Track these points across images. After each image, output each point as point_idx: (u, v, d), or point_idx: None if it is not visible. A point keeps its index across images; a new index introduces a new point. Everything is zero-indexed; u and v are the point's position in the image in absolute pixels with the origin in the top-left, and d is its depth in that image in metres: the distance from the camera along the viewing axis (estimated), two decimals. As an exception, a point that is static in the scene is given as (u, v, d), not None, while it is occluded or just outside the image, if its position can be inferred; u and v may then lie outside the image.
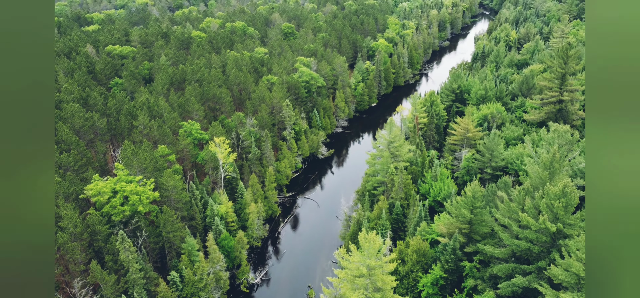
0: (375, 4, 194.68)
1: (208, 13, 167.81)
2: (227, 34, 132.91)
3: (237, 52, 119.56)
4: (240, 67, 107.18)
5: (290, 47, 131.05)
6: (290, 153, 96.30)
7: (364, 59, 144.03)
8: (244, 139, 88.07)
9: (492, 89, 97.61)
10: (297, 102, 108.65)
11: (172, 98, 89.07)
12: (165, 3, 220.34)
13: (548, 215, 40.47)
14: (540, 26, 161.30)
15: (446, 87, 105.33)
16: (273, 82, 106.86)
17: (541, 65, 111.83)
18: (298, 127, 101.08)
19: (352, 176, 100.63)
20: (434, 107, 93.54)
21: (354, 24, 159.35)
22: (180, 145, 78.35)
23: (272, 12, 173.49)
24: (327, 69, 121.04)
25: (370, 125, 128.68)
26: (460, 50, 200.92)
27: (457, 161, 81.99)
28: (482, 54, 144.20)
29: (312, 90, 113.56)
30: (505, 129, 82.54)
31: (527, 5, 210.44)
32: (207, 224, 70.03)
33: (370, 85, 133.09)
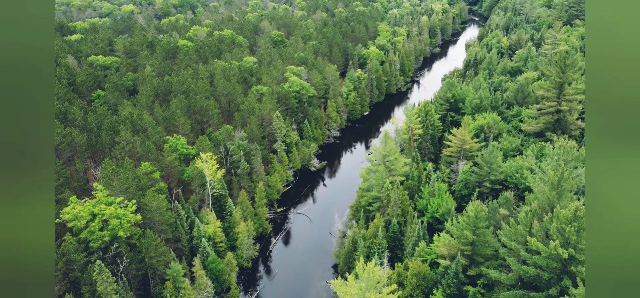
0: (365, 11, 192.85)
1: (195, 21, 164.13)
2: (215, 42, 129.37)
3: (226, 61, 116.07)
4: (229, 77, 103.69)
5: (280, 56, 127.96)
6: (281, 167, 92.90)
7: (355, 67, 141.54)
8: (232, 153, 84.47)
9: (487, 98, 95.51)
10: (288, 112, 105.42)
11: (157, 111, 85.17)
12: (151, 11, 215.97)
13: (559, 240, 37.72)
14: (531, 32, 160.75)
15: (440, 96, 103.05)
16: (263, 92, 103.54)
17: (535, 72, 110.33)
18: (289, 139, 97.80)
19: (345, 189, 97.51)
20: (429, 117, 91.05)
21: (345, 31, 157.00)
22: (165, 161, 74.49)
23: (261, 19, 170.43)
24: (318, 78, 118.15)
25: (362, 134, 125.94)
26: (451, 56, 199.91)
27: (454, 174, 79.40)
28: (474, 61, 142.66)
29: (303, 100, 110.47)
30: (502, 139, 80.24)
31: (516, 11, 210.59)
32: (194, 246, 66.20)
33: (362, 94, 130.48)
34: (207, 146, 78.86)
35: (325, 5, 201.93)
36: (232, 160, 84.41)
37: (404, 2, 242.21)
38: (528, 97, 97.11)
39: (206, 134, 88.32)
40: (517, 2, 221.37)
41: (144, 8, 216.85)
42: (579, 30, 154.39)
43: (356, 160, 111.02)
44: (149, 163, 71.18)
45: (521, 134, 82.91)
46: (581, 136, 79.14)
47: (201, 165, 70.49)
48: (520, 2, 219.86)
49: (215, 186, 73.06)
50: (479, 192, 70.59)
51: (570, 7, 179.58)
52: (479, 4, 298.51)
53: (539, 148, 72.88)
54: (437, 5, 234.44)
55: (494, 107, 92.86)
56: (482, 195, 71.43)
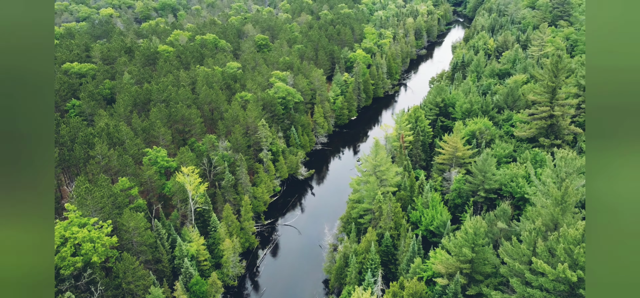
0: (350, 13, 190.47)
1: (177, 25, 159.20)
2: (197, 47, 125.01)
3: (208, 67, 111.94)
4: (211, 84, 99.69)
5: (264, 61, 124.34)
6: (268, 177, 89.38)
7: (342, 71, 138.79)
8: (216, 165, 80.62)
9: (477, 102, 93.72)
10: (274, 120, 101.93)
11: (136, 121, 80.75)
12: (131, 15, 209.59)
13: (567, 261, 35.30)
14: (517, 34, 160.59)
15: (429, 100, 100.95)
16: (247, 99, 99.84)
17: (524, 75, 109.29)
18: (275, 147, 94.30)
19: (334, 198, 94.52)
20: (419, 123, 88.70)
21: (331, 34, 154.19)
22: (144, 175, 70.27)
23: (245, 23, 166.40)
24: (304, 83, 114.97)
25: (350, 139, 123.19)
26: (437, 58, 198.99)
27: (446, 182, 77.11)
28: (461, 64, 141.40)
29: (289, 106, 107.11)
30: (495, 146, 78.31)
31: (501, 13, 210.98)
32: (176, 267, 62.25)
33: (349, 98, 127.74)
34: (189, 158, 74.90)
35: (309, 8, 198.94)
36: (216, 171, 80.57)
37: (389, 3, 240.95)
38: (518, 101, 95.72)
39: (188, 145, 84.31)
40: (501, 3, 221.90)
41: (124, 11, 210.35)
42: (564, 31, 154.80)
43: (345, 166, 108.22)
44: (127, 178, 66.93)
45: (514, 139, 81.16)
46: (574, 141, 77.75)
47: (182, 180, 66.55)
48: (504, 3, 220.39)
49: (198, 201, 69.17)
50: (473, 201, 68.35)
51: (554, 8, 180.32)
52: (463, 5, 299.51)
53: (533, 154, 71.10)
54: (422, 7, 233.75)
55: (484, 111, 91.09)
56: (477, 205, 69.24)
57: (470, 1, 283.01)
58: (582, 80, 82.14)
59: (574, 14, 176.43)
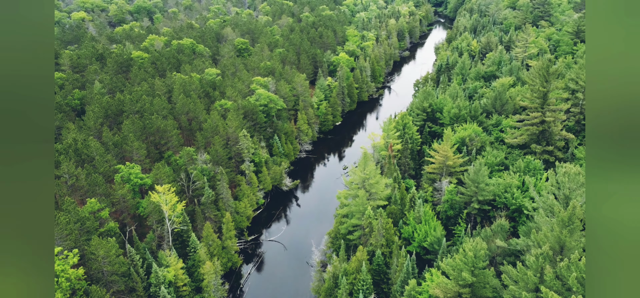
0: (332, 15, 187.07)
1: (152, 29, 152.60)
2: (174, 53, 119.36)
3: (185, 74, 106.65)
4: (189, 92, 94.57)
5: (245, 66, 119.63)
6: (251, 189, 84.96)
7: (325, 75, 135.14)
8: (195, 179, 75.82)
9: (465, 107, 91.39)
10: (256, 128, 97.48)
11: (107, 136, 75.19)
12: (105, 18, 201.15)
13: (580, 292, 32.35)
14: (500, 35, 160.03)
15: (416, 105, 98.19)
16: (227, 107, 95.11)
17: (510, 77, 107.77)
18: (258, 158, 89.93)
19: (320, 209, 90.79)
20: (407, 130, 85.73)
21: (313, 37, 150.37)
22: (116, 195, 65.02)
23: (224, 26, 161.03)
24: (286, 89, 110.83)
25: (335, 146, 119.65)
26: (420, 59, 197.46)
27: (437, 192, 74.26)
28: (446, 66, 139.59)
29: (272, 114, 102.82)
30: (485, 153, 75.90)
31: (482, 13, 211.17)
32: (152, 295, 57.37)
33: (333, 103, 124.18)
34: (165, 174, 69.94)
35: (290, 10, 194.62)
36: (195, 187, 75.79)
37: (371, 5, 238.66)
38: (506, 105, 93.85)
39: (164, 159, 79.25)
40: (482, 4, 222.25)
41: (97, 15, 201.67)
42: (546, 31, 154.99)
43: (330, 175, 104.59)
44: (96, 199, 61.62)
45: (504, 146, 78.94)
46: (566, 147, 75.99)
47: (157, 199, 61.64)
48: (485, 3, 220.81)
49: (175, 221, 64.35)
50: (467, 213, 65.60)
51: (535, 8, 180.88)
52: (444, 6, 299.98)
53: (526, 163, 68.85)
54: (403, 8, 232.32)
55: (473, 116, 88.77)
56: (470, 216, 66.52)
57: (450, 2, 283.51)
58: (572, 83, 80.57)
59: (554, 14, 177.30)
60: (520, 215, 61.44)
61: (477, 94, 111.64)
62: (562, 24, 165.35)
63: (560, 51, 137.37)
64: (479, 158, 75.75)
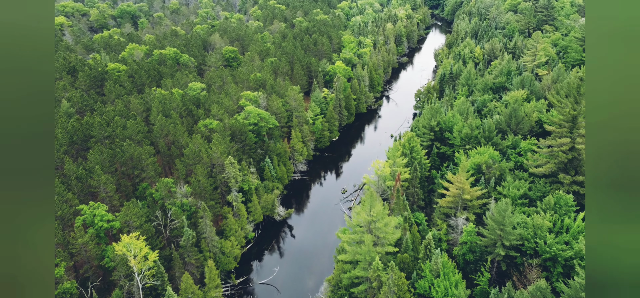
0: (327, 20, 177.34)
1: (133, 37, 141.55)
2: (154, 64, 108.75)
3: (166, 89, 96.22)
4: (169, 111, 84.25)
5: (233, 78, 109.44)
6: (239, 223, 74.95)
7: (320, 86, 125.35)
8: (173, 217, 65.60)
9: (478, 126, 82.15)
10: (245, 150, 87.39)
11: (69, 168, 64.62)
12: (85, 24, 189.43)
13: None
14: (504, 41, 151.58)
15: (423, 124, 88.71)
16: (213, 127, 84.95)
17: (523, 90, 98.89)
18: (247, 186, 79.85)
19: (318, 241, 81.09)
20: (415, 155, 76.18)
21: (307, 45, 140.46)
22: (77, 244, 54.62)
23: (212, 33, 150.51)
24: (278, 103, 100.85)
25: (333, 164, 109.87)
26: (419, 65, 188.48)
27: (452, 229, 64.80)
28: (450, 75, 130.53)
29: (263, 133, 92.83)
30: (506, 184, 66.59)
31: (483, 17, 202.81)
32: None
33: (330, 118, 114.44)
34: (136, 214, 59.62)
35: (282, 14, 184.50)
36: (173, 226, 65.55)
37: (366, 8, 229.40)
38: (522, 123, 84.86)
39: (138, 192, 68.87)
40: (481, 7, 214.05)
41: (77, 20, 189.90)
42: (551, 37, 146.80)
43: (328, 198, 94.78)
44: (50, 252, 51.12)
45: (525, 173, 69.68)
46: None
47: (123, 251, 51.36)
48: (484, 6, 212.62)
49: (146, 275, 54.10)
50: (491, 260, 56.13)
51: (538, 12, 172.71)
52: (441, 8, 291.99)
53: (556, 198, 59.56)
54: (400, 11, 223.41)
55: (487, 138, 79.50)
56: (494, 263, 57.05)
57: (448, 4, 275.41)
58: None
59: (558, 18, 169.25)
60: (555, 265, 52.17)
61: (486, 107, 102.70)
62: (567, 29, 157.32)
63: (568, 58, 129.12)
64: (499, 189, 66.60)
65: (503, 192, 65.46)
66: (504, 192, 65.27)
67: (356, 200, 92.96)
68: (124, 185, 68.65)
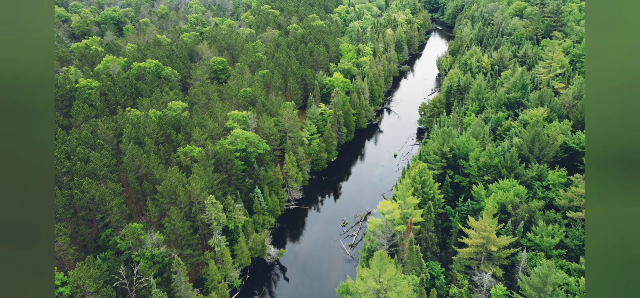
0: (323, 26, 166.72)
1: (113, 46, 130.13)
2: (132, 80, 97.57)
3: (142, 110, 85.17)
4: (143, 137, 73.22)
5: (220, 95, 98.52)
6: (222, 271, 64.06)
7: (317, 101, 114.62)
8: (141, 274, 54.59)
9: (497, 154, 71.69)
10: (231, 181, 76.50)
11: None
12: (66, 31, 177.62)
13: None
14: (514, 49, 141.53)
15: (434, 149, 78.11)
16: (193, 155, 74.01)
17: (543, 108, 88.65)
18: (232, 224, 68.97)
19: (314, 287, 70.37)
20: (427, 189, 65.50)
21: (302, 54, 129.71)
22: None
23: (199, 42, 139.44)
24: (270, 123, 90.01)
25: (331, 189, 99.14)
26: (421, 73, 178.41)
27: (475, 287, 54.19)
28: (458, 88, 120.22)
29: (252, 160, 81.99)
30: (538, 230, 56.07)
31: (487, 22, 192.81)
32: None
33: (327, 137, 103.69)
34: (92, 277, 48.55)
35: (276, 21, 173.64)
36: (141, 284, 54.55)
37: (365, 12, 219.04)
38: (547, 148, 74.52)
39: (101, 241, 57.77)
40: (484, 11, 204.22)
41: (57, 27, 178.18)
42: (562, 45, 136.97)
43: (327, 232, 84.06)
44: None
45: (558, 214, 59.19)
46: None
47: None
48: (488, 11, 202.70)
49: (100, 361, 43.04)
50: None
51: (546, 17, 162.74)
52: (441, 12, 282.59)
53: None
54: (400, 16, 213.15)
55: (509, 168, 69.00)
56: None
57: (448, 8, 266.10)
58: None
59: (569, 24, 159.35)
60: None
61: (500, 126, 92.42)
62: (579, 36, 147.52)
63: (584, 69, 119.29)
64: (530, 236, 56.13)
65: (535, 240, 55.02)
66: (536, 241, 54.83)
67: (358, 234, 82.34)
68: (83, 233, 57.52)
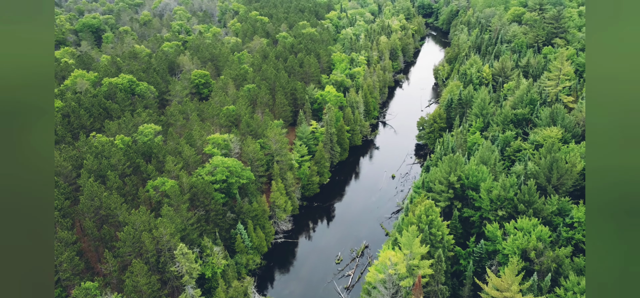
0: (314, 34, 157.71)
1: (85, 59, 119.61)
2: (101, 98, 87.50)
3: (110, 135, 75.28)
4: (106, 171, 63.38)
5: (199, 114, 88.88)
6: (197, 331, 54.41)
7: (308, 118, 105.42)
8: (93, 348, 44.76)
9: (513, 186, 63.02)
10: (209, 217, 66.90)
11: None
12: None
13: None
14: (516, 58, 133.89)
15: (438, 178, 69.22)
16: (165, 190, 64.32)
17: (556, 128, 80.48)
18: (209, 271, 59.42)
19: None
20: (434, 230, 56.48)
21: (291, 66, 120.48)
22: None
23: (180, 52, 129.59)
24: (255, 147, 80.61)
25: (324, 216, 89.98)
26: (417, 82, 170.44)
27: (498, 357, 45.23)
28: (459, 102, 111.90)
29: (234, 191, 72.50)
30: (568, 284, 47.38)
31: (484, 28, 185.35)
32: None
33: (319, 158, 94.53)
34: None
35: (265, 28, 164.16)
36: (93, 360, 44.70)
37: (357, 18, 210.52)
38: (565, 177, 66.11)
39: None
40: (481, 16, 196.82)
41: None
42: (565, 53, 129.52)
43: (319, 269, 74.88)
44: None
45: (590, 263, 50.54)
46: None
47: None
48: (484, 16, 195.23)
49: None
50: None
51: (547, 24, 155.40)
52: (434, 17, 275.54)
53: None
54: (394, 22, 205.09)
55: (526, 202, 60.30)
56: None
57: (443, 13, 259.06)
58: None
59: (570, 31, 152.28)
60: None
61: (509, 147, 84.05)
62: (582, 43, 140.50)
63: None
64: (558, 292, 47.43)
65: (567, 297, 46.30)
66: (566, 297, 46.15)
67: (355, 273, 73.21)
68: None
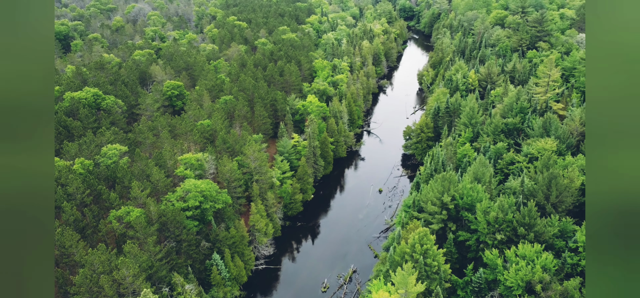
0: (294, 39, 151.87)
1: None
2: (61, 115, 79.58)
3: (68, 158, 67.71)
4: (62, 202, 56.03)
5: (171, 131, 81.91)
6: None
7: (289, 131, 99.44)
8: None
9: (510, 207, 58.51)
10: (181, 249, 60.24)
11: None
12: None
13: None
14: (501, 62, 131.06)
15: (431, 198, 64.23)
16: (130, 220, 57.40)
17: (550, 139, 76.79)
18: (181, 313, 52.81)
19: None
20: (430, 260, 51.31)
21: (271, 75, 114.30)
22: None
23: (153, 61, 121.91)
24: (232, 166, 74.22)
25: (308, 237, 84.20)
26: (401, 87, 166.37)
27: None
28: (446, 110, 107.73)
29: (208, 217, 65.98)
30: (581, 322, 42.86)
31: (466, 31, 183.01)
32: None
33: (302, 175, 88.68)
34: None
35: (243, 35, 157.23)
36: None
37: (339, 23, 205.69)
38: (564, 194, 62.06)
39: None
40: (463, 20, 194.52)
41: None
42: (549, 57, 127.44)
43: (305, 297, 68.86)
44: None
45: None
46: None
47: None
48: (467, 19, 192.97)
49: None
50: None
51: (531, 27, 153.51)
52: (416, 19, 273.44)
53: None
54: (376, 26, 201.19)
55: (527, 225, 55.81)
56: None
57: (424, 16, 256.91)
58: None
59: (554, 34, 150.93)
60: None
61: (501, 159, 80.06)
62: (565, 47, 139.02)
63: (578, 85, 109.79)
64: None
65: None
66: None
67: (342, 302, 67.59)
68: None
